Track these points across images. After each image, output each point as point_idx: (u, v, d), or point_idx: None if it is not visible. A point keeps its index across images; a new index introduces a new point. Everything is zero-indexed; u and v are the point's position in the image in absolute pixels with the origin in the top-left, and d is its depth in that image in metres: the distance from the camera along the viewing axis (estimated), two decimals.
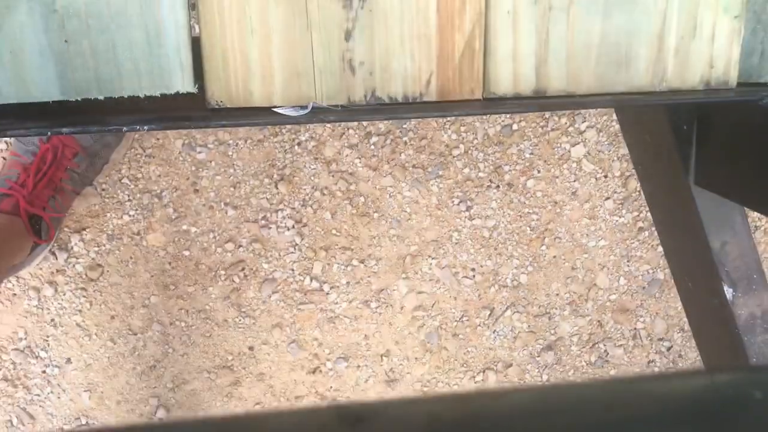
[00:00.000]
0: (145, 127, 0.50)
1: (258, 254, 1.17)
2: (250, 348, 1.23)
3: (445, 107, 0.57)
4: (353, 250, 1.19)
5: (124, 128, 0.50)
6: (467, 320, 1.25)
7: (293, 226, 1.16)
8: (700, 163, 0.67)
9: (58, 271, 1.12)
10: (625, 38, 0.57)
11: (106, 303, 1.15)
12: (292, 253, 1.18)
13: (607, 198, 1.21)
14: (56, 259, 1.11)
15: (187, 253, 1.15)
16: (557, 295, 1.26)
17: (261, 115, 0.54)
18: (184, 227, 1.14)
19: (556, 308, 1.27)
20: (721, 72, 0.59)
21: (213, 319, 1.19)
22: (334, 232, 1.18)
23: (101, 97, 0.52)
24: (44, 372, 1.18)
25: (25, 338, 1.15)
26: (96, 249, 1.12)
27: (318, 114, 0.54)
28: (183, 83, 0.53)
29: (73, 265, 1.12)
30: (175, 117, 0.52)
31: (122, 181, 1.10)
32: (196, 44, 0.53)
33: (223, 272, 1.17)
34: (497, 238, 1.22)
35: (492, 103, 0.57)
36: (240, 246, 1.16)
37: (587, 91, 0.58)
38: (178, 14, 0.51)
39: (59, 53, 0.50)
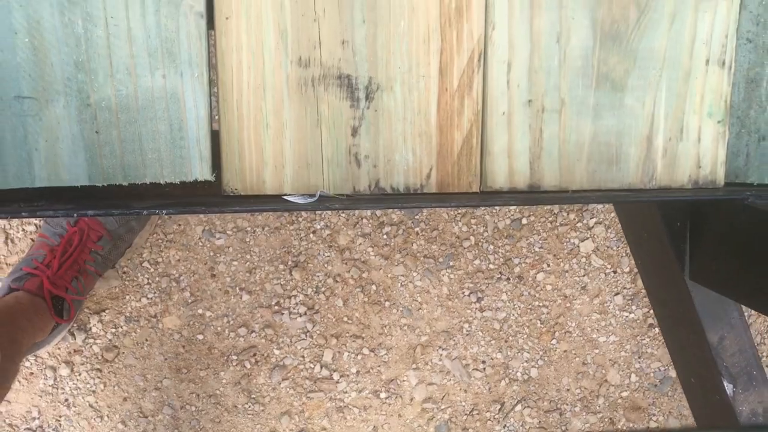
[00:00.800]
0: (164, 211, 0.54)
1: (270, 340, 1.19)
2: None
3: (443, 198, 0.60)
4: (364, 339, 1.21)
5: (145, 211, 0.54)
6: (477, 414, 1.25)
7: (305, 313, 1.19)
8: (694, 259, 0.69)
9: (75, 351, 1.15)
10: (615, 138, 0.61)
11: (120, 384, 1.17)
12: (304, 339, 1.20)
13: (617, 293, 1.23)
14: (74, 339, 1.14)
15: (201, 336, 1.17)
16: (568, 390, 1.26)
17: (272, 202, 0.58)
18: (200, 311, 1.17)
19: (567, 404, 1.26)
20: (709, 172, 0.63)
21: (223, 405, 1.21)
22: (345, 319, 1.20)
23: (125, 183, 0.57)
24: None
25: (38, 418, 1.16)
26: (113, 330, 1.15)
27: (324, 202, 0.57)
28: (201, 172, 0.57)
29: (91, 346, 1.15)
30: (192, 202, 0.56)
31: (143, 264, 1.14)
32: (215, 136, 0.57)
33: (235, 357, 1.19)
34: (508, 330, 1.23)
35: (489, 196, 0.61)
36: (253, 331, 1.18)
37: (579, 187, 0.62)
38: (200, 110, 0.56)
39: (90, 142, 0.55)
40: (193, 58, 0.55)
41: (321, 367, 1.21)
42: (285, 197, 0.58)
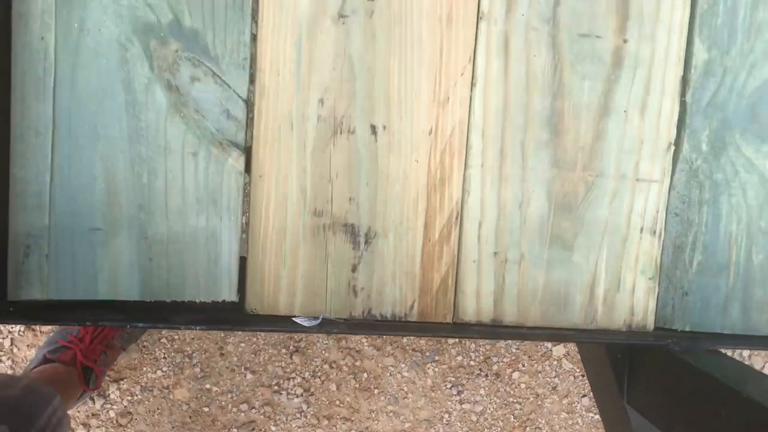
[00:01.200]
0: (198, 327, 0.68)
1: (268, 416, 1.31)
2: None
3: (423, 327, 0.74)
4: (353, 422, 1.33)
5: (182, 327, 0.68)
6: None
7: (302, 394, 1.31)
8: (631, 388, 0.83)
9: (93, 414, 1.27)
10: (564, 287, 0.75)
11: None
12: (298, 418, 1.32)
13: (584, 395, 1.35)
14: (94, 403, 1.26)
15: (206, 409, 1.30)
16: None
17: (282, 323, 0.72)
18: (207, 386, 1.30)
19: None
20: (641, 318, 0.77)
21: None
22: (337, 402, 1.32)
23: (169, 300, 0.71)
24: None
25: None
26: (129, 398, 1.27)
27: (325, 326, 0.71)
28: (229, 294, 0.72)
29: (107, 411, 1.27)
30: (220, 320, 0.70)
31: (161, 340, 1.27)
32: (242, 266, 0.72)
33: (235, 430, 1.31)
34: (483, 422, 1.35)
35: (459, 327, 0.75)
36: (253, 407, 1.31)
37: (533, 324, 0.76)
38: (232, 246, 0.71)
39: (144, 267, 0.70)
40: (231, 205, 0.70)
41: None
42: (294, 319, 0.72)
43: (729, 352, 1.24)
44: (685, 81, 0.74)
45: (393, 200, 0.72)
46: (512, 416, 1.35)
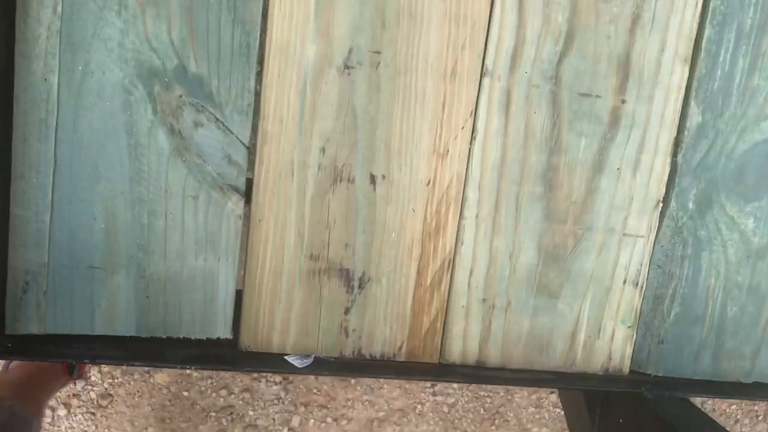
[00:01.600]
0: (193, 367, 0.70)
1: (246, 402, 1.35)
2: None
3: (411, 368, 0.77)
4: (329, 409, 1.37)
5: (178, 366, 0.70)
6: None
7: (280, 382, 1.35)
8: (602, 422, 0.87)
9: (74, 395, 1.29)
10: (547, 333, 0.78)
11: (110, 428, 1.32)
12: (276, 404, 1.36)
13: (552, 392, 1.40)
14: (75, 385, 1.29)
15: (186, 393, 1.33)
16: None
17: (274, 362, 0.74)
18: (188, 371, 1.32)
19: None
20: (617, 363, 0.80)
21: None
22: (315, 391, 1.36)
23: (164, 336, 0.72)
24: None
25: None
26: (110, 381, 1.29)
27: (316, 367, 0.74)
28: (224, 331, 0.73)
29: (88, 392, 1.30)
30: (215, 358, 0.72)
31: None
32: (237, 303, 0.73)
33: (213, 414, 1.34)
34: (455, 414, 1.40)
35: (444, 368, 0.77)
36: (232, 393, 1.34)
37: (516, 366, 0.79)
38: (229, 287, 0.72)
39: (141, 304, 0.71)
40: (229, 247, 0.71)
41: (288, 430, 1.37)
42: (286, 357, 0.74)
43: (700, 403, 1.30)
44: (677, 142, 0.76)
45: (388, 247, 0.74)
46: (482, 409, 1.40)
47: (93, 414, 1.31)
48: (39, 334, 0.69)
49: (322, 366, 0.74)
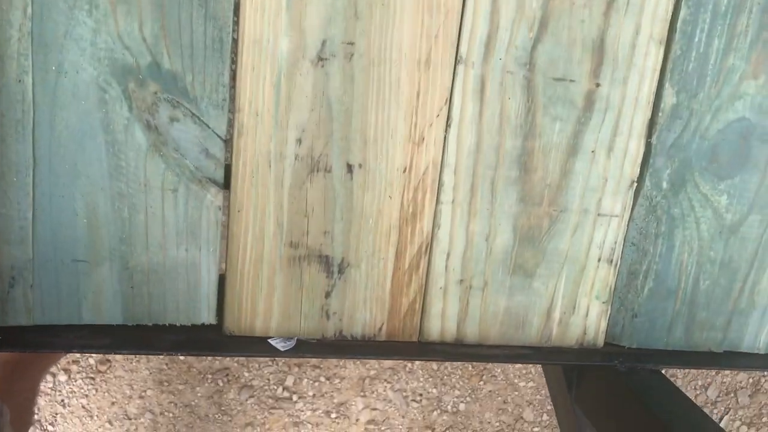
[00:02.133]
0: (179, 353, 0.73)
1: (242, 364, 1.39)
2: None
3: (391, 347, 0.79)
4: (322, 369, 1.41)
5: (164, 353, 0.72)
6: None
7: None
8: (578, 390, 0.90)
9: (73, 361, 1.33)
10: (523, 310, 0.81)
11: (109, 391, 1.37)
12: (270, 366, 1.40)
13: None
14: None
15: (182, 357, 1.36)
16: (489, 423, 1.48)
17: (259, 347, 0.76)
18: None
19: None
20: (592, 337, 0.83)
21: (196, 413, 1.41)
22: None
23: (150, 324, 0.75)
24: None
25: (38, 413, 1.35)
26: None
27: (299, 350, 0.76)
28: (208, 317, 0.76)
29: (87, 358, 1.33)
30: (201, 344, 0.75)
31: None
32: (220, 290, 0.75)
33: (210, 376, 1.38)
34: (443, 370, 1.44)
35: (424, 346, 0.80)
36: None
37: (493, 343, 0.81)
38: (211, 275, 0.74)
39: (125, 294, 0.73)
40: (210, 238, 0.73)
41: (283, 389, 1.41)
42: (269, 340, 0.77)
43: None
44: (652, 123, 0.76)
45: (366, 233, 0.75)
46: (470, 365, 1.45)
47: (93, 379, 1.35)
48: (28, 325, 0.72)
49: (304, 348, 0.77)
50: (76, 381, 1.35)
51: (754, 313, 0.85)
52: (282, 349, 0.76)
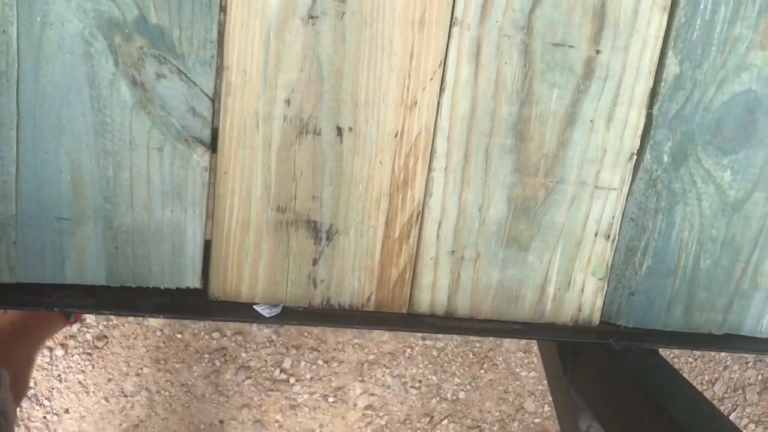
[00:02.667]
0: (161, 315, 0.71)
1: (239, 344, 1.38)
2: (221, 421, 1.42)
3: (380, 317, 0.78)
4: (320, 351, 1.40)
5: (146, 315, 0.71)
6: (409, 423, 1.45)
7: (271, 326, 1.37)
8: (573, 372, 0.88)
9: (70, 336, 1.33)
10: (516, 284, 0.79)
11: (106, 368, 1.36)
12: (268, 347, 1.38)
13: None
14: (72, 327, 1.32)
15: (179, 335, 1.36)
16: (489, 412, 1.46)
17: (244, 311, 0.75)
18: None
19: (487, 423, 1.47)
20: (587, 315, 0.81)
21: (193, 393, 1.40)
22: (306, 334, 1.39)
23: (134, 286, 0.73)
24: (45, 418, 1.38)
25: (34, 388, 1.35)
26: (105, 323, 1.32)
27: (284, 317, 0.75)
28: (193, 281, 0.74)
29: (84, 334, 1.33)
30: (184, 307, 0.73)
31: None
32: (206, 253, 0.74)
33: (207, 355, 1.37)
34: (444, 357, 1.42)
35: (413, 318, 0.78)
36: (225, 336, 1.37)
37: (485, 317, 0.79)
38: (197, 237, 0.73)
39: (110, 254, 0.72)
40: (196, 199, 0.72)
41: (280, 371, 1.40)
42: (255, 306, 0.75)
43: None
44: (653, 93, 0.74)
45: (356, 199, 0.73)
46: (471, 353, 1.42)
47: (89, 354, 1.35)
48: (10, 282, 0.71)
49: (290, 315, 0.75)
50: (72, 356, 1.34)
51: (756, 295, 0.82)
52: (267, 316, 0.74)
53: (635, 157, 0.76)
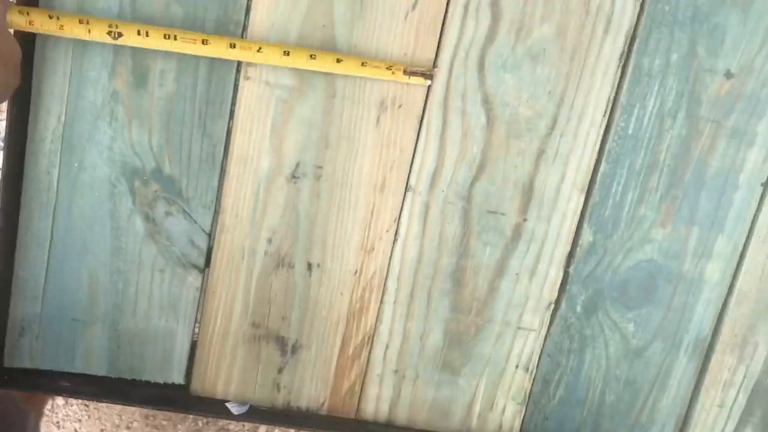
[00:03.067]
0: (149, 407, 0.87)
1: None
2: None
3: (331, 421, 0.92)
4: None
5: (136, 405, 0.86)
6: None
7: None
8: None
9: None
10: (448, 402, 0.93)
11: (100, 419, 1.50)
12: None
13: None
14: None
15: None
16: None
17: (218, 408, 0.90)
18: None
19: None
20: None
21: None
22: None
23: (130, 378, 0.89)
24: None
25: None
26: None
27: (251, 416, 0.90)
28: (179, 377, 0.90)
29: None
30: (168, 401, 0.89)
31: None
32: (191, 356, 0.90)
33: (191, 416, 1.52)
34: None
35: (359, 425, 0.93)
36: None
37: (420, 428, 0.94)
38: (185, 344, 0.88)
39: (112, 352, 0.88)
40: (187, 312, 0.87)
41: None
42: (226, 404, 0.90)
43: None
44: (570, 256, 0.90)
45: (319, 322, 0.89)
46: None
47: (86, 406, 1.49)
48: (30, 368, 0.87)
49: (256, 414, 0.90)
50: (71, 406, 1.49)
51: (653, 429, 0.96)
52: (236, 413, 0.89)
53: (553, 305, 0.91)
